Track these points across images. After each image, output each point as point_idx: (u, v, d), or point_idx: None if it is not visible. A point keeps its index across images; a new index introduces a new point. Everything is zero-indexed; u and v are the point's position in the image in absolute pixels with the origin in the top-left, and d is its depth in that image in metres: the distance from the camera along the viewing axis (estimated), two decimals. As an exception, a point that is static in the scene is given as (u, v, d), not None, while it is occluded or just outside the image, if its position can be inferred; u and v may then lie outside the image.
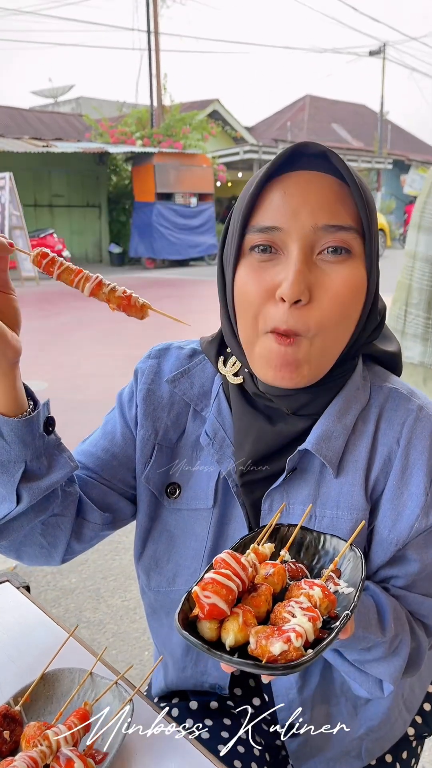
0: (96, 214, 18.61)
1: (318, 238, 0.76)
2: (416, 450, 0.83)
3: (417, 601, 0.87)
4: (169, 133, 17.32)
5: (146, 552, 0.97)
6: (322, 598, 0.64)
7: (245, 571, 0.64)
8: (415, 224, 2.28)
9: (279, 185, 0.77)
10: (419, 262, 2.26)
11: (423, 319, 2.28)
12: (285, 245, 0.77)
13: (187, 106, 20.08)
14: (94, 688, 0.82)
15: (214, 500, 0.90)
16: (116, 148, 16.24)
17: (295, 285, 0.74)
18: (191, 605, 0.63)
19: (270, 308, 0.77)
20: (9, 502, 0.81)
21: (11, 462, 0.79)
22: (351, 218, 0.76)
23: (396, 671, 0.83)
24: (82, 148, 15.71)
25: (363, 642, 0.79)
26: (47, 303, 10.30)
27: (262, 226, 0.77)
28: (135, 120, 17.85)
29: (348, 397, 0.85)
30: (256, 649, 0.59)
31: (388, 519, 0.84)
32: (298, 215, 0.75)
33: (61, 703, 0.80)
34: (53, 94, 28.86)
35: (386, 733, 0.98)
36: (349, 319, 0.79)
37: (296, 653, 0.57)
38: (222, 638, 0.61)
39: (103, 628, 2.36)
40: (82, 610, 2.46)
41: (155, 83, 17.84)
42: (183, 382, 0.94)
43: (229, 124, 22.75)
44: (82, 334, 7.59)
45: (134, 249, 16.90)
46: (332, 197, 0.76)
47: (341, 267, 0.77)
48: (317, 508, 0.85)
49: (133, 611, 2.46)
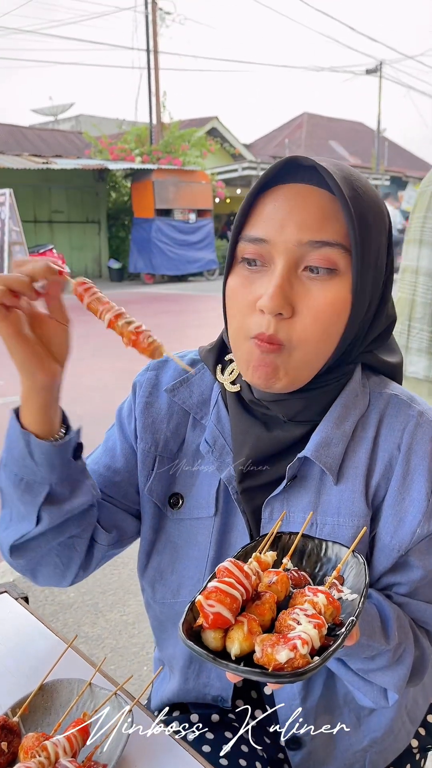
0: (95, 230, 18.72)
1: (303, 253, 0.76)
2: (417, 455, 0.83)
3: (420, 608, 0.86)
4: (168, 149, 17.47)
5: (150, 564, 0.96)
6: (326, 604, 0.64)
7: (248, 579, 0.64)
8: (416, 239, 2.29)
9: (270, 197, 0.78)
10: (422, 276, 2.27)
11: (428, 333, 2.28)
12: (271, 257, 0.78)
13: (186, 124, 20.27)
14: (93, 699, 0.81)
15: (215, 508, 0.90)
16: (115, 164, 16.39)
17: (274, 300, 0.75)
18: (195, 615, 0.63)
19: (255, 317, 0.78)
20: (29, 522, 0.82)
21: (36, 483, 0.80)
22: (338, 234, 0.76)
23: (400, 680, 0.83)
24: (81, 165, 15.84)
25: (367, 650, 0.78)
26: (46, 318, 10.30)
27: (251, 237, 0.78)
28: (134, 137, 18.01)
29: (347, 403, 0.85)
30: (262, 657, 0.58)
31: (389, 525, 0.83)
32: (284, 229, 0.76)
33: (59, 714, 0.79)
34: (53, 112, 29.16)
35: (390, 744, 0.97)
36: (330, 336, 0.79)
37: (303, 660, 0.57)
38: (227, 647, 0.61)
39: (102, 643, 2.33)
40: (80, 625, 2.44)
41: (154, 101, 18.03)
42: (182, 391, 0.94)
43: (227, 141, 22.97)
44: (82, 347, 7.57)
45: (133, 264, 16.99)
46: (319, 212, 0.76)
47: (324, 285, 0.77)
48: (318, 515, 0.84)
49: (132, 626, 2.43)
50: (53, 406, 0.80)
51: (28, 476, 0.80)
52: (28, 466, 0.79)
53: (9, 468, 0.81)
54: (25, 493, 0.81)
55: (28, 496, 0.81)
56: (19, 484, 0.81)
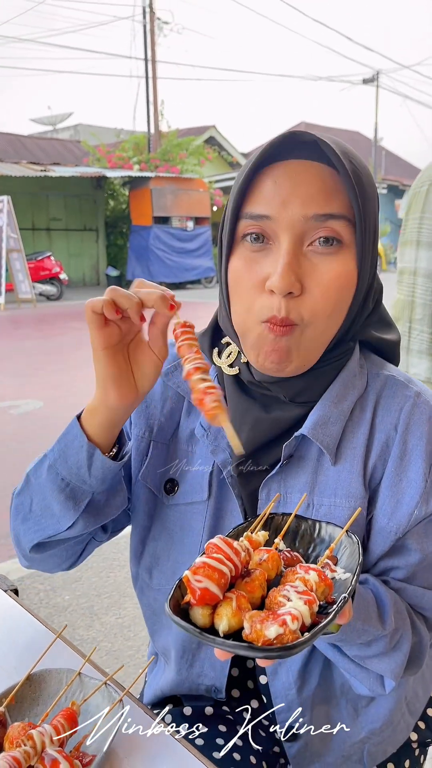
0: (93, 238, 18.77)
1: (308, 228, 0.75)
2: (414, 436, 0.82)
3: (417, 593, 0.84)
4: (166, 158, 17.55)
5: (146, 551, 0.95)
6: (318, 582, 0.62)
7: (238, 555, 0.62)
8: (413, 240, 2.27)
9: (270, 174, 0.76)
10: (421, 278, 2.25)
11: (428, 334, 2.27)
12: (275, 235, 0.76)
13: (184, 132, 20.37)
14: (82, 690, 0.78)
15: (208, 493, 0.88)
16: (113, 172, 16.44)
17: (284, 278, 0.74)
18: (183, 592, 0.61)
19: (264, 299, 0.77)
20: (62, 524, 0.83)
21: (82, 491, 0.81)
22: (342, 207, 0.75)
23: (397, 666, 0.81)
24: (79, 173, 15.89)
25: (363, 636, 0.76)
26: (45, 324, 10.31)
27: (253, 214, 0.76)
28: (132, 145, 18.10)
29: (345, 383, 0.84)
30: (251, 633, 0.56)
31: (387, 507, 0.82)
32: (287, 205, 0.75)
33: (47, 704, 0.77)
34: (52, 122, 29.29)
35: (389, 736, 0.95)
36: (340, 310, 0.79)
37: (292, 636, 0.55)
38: (215, 624, 0.59)
39: (97, 646, 2.30)
40: (75, 628, 2.41)
41: (152, 110, 18.12)
42: (177, 375, 0.93)
43: (225, 150, 23.08)
44: (79, 355, 7.58)
45: (131, 272, 17.02)
46: (322, 186, 0.75)
47: (331, 259, 0.76)
48: (315, 496, 0.83)
49: (128, 629, 2.40)
50: (118, 426, 0.80)
51: (76, 483, 0.80)
52: (81, 475, 0.80)
53: (56, 470, 0.81)
54: (68, 498, 0.81)
55: (71, 501, 0.81)
56: (64, 488, 0.81)
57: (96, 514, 0.84)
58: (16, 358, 7.58)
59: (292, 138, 0.75)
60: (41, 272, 14.20)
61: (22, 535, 0.88)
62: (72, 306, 13.30)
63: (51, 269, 14.33)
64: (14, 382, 6.32)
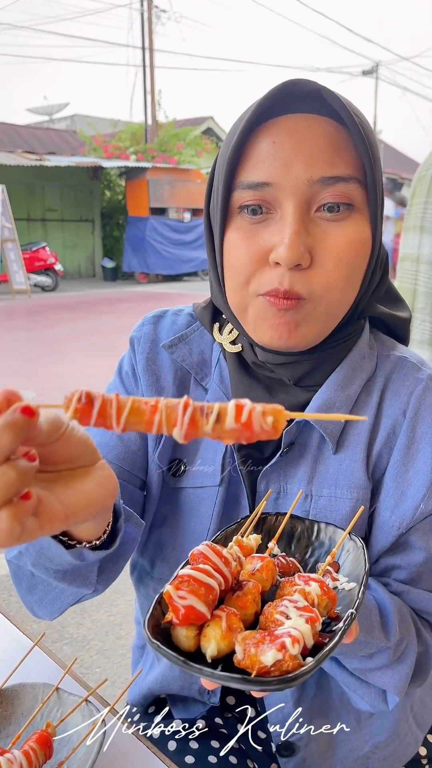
0: (89, 229, 18.62)
1: (315, 192, 0.67)
2: (424, 423, 0.75)
3: (422, 597, 0.77)
4: (163, 148, 17.40)
5: (151, 539, 0.87)
6: (320, 595, 0.54)
7: (228, 566, 0.54)
8: (416, 226, 2.19)
9: (266, 133, 0.67)
10: (424, 265, 2.18)
11: (429, 324, 2.19)
12: (278, 202, 0.68)
13: (182, 123, 20.20)
14: (60, 707, 0.71)
15: (220, 478, 0.81)
16: (110, 162, 16.29)
17: (293, 249, 0.65)
18: (164, 609, 0.53)
19: (265, 272, 0.69)
20: (82, 592, 0.71)
21: (88, 567, 0.68)
22: (351, 167, 0.67)
23: (402, 681, 0.73)
24: (75, 162, 15.73)
25: (365, 648, 0.69)
26: (40, 315, 10.21)
27: (251, 182, 0.68)
28: (129, 135, 17.93)
29: (353, 365, 0.77)
30: (244, 659, 0.48)
31: (390, 499, 0.75)
32: (290, 168, 0.66)
33: (20, 723, 0.69)
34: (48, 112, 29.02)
35: (395, 750, 0.88)
36: (354, 282, 0.71)
37: (293, 663, 0.47)
38: (202, 647, 0.51)
39: (87, 645, 2.23)
40: (65, 626, 2.33)
41: (150, 99, 17.95)
42: (181, 348, 0.85)
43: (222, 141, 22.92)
44: (74, 345, 7.50)
45: (127, 264, 16.91)
46: (328, 144, 0.66)
47: (343, 224, 0.68)
48: (314, 487, 0.76)
49: (119, 627, 2.33)
50: None
51: (75, 569, 0.66)
52: (75, 565, 0.64)
53: (43, 567, 0.65)
54: (74, 580, 0.67)
55: (79, 581, 0.68)
56: (64, 576, 0.67)
57: (114, 566, 0.71)
58: (10, 349, 7.50)
59: (291, 88, 0.66)
60: (36, 263, 14.08)
61: (35, 608, 0.74)
62: (67, 297, 13.20)
63: (46, 260, 14.21)
64: (8, 373, 6.25)
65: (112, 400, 0.42)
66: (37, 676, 0.76)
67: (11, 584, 2.57)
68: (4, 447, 0.41)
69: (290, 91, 0.67)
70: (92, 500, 0.48)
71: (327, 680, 0.83)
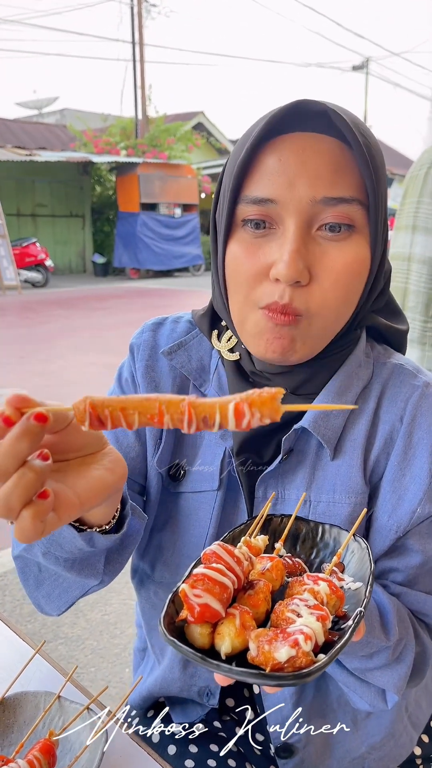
0: (80, 224, 18.54)
1: (317, 211, 0.68)
2: (421, 428, 0.76)
3: (419, 599, 0.78)
4: (153, 143, 17.34)
5: (152, 543, 0.88)
6: (329, 594, 0.55)
7: (240, 565, 0.56)
8: (408, 225, 2.20)
9: (273, 150, 0.68)
10: (416, 264, 2.19)
11: (420, 323, 2.21)
12: (280, 219, 0.69)
13: (172, 118, 20.12)
14: (62, 715, 0.71)
15: (219, 482, 0.82)
16: (100, 157, 16.22)
17: (292, 266, 0.66)
18: (177, 607, 0.54)
19: (265, 286, 0.70)
20: (88, 585, 0.75)
21: (96, 556, 0.71)
22: (354, 188, 0.68)
23: (400, 680, 0.75)
24: (66, 158, 15.65)
25: (366, 648, 0.70)
26: (30, 311, 10.17)
27: (255, 197, 0.69)
28: (119, 130, 17.85)
29: (349, 373, 0.78)
30: (258, 656, 0.49)
31: (388, 503, 0.77)
32: (294, 186, 0.67)
33: (23, 732, 0.70)
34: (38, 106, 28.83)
35: (390, 750, 0.90)
36: (351, 300, 0.73)
37: (306, 659, 0.48)
38: (216, 645, 0.51)
39: (82, 644, 2.23)
40: (59, 626, 2.34)
41: (140, 94, 17.86)
42: (180, 354, 0.86)
43: (213, 136, 22.85)
44: (65, 342, 7.48)
45: (118, 259, 16.86)
46: (333, 164, 0.67)
47: (343, 245, 0.69)
48: (312, 492, 0.77)
49: (114, 626, 2.34)
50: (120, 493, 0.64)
51: (81, 557, 0.69)
52: (84, 552, 0.66)
53: (53, 556, 0.68)
54: (82, 570, 0.70)
55: (86, 570, 0.71)
56: (72, 566, 0.69)
57: (119, 557, 0.74)
58: (0, 346, 7.47)
59: (300, 107, 0.67)
60: (26, 259, 14.01)
61: (43, 603, 0.77)
62: (58, 293, 13.15)
63: (36, 256, 14.14)
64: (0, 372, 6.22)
65: (119, 416, 0.44)
66: (38, 682, 0.77)
67: (4, 584, 2.58)
68: (22, 453, 0.45)
69: (299, 110, 0.67)
70: (104, 485, 0.53)
71: (325, 682, 0.84)
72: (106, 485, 0.53)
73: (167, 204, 16.80)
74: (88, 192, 18.30)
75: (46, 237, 17.48)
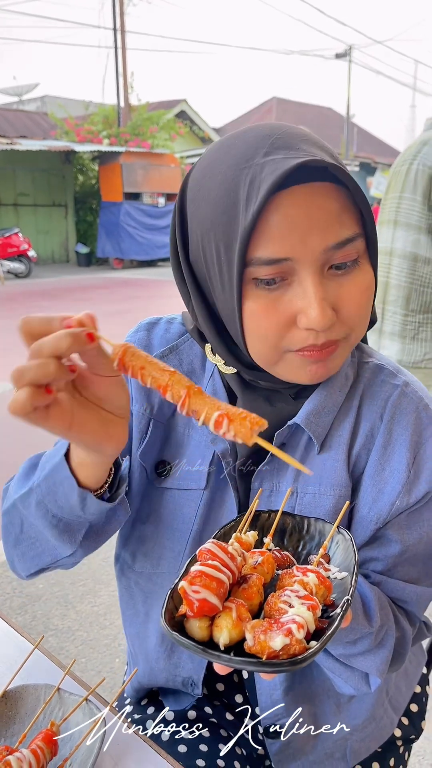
0: (62, 214, 18.38)
1: (328, 257, 0.70)
2: (399, 425, 0.81)
3: (398, 587, 0.83)
4: (136, 132, 17.19)
5: (134, 533, 0.92)
6: (318, 584, 0.59)
7: (234, 561, 0.59)
8: (390, 220, 2.24)
9: (277, 208, 0.67)
10: (397, 258, 2.23)
11: (401, 316, 2.25)
12: (294, 271, 0.70)
13: (155, 106, 19.96)
14: (61, 706, 0.75)
15: (206, 482, 0.86)
16: (83, 146, 16.06)
17: (323, 315, 0.69)
18: (176, 603, 0.57)
19: (294, 334, 0.72)
20: (60, 553, 0.80)
21: (80, 524, 0.77)
22: (355, 225, 0.71)
23: (383, 663, 0.79)
24: (47, 146, 15.48)
25: (350, 634, 0.75)
26: (14, 303, 10.10)
27: (269, 259, 0.68)
28: (102, 118, 17.67)
29: (340, 373, 0.83)
30: (254, 645, 0.53)
31: (368, 496, 0.81)
32: (306, 241, 0.68)
33: (24, 723, 0.73)
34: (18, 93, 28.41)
35: (372, 732, 0.95)
36: (369, 312, 0.77)
37: (299, 646, 0.52)
38: (214, 637, 0.55)
39: (72, 635, 2.27)
40: (49, 617, 2.37)
41: (122, 82, 17.69)
42: (172, 359, 0.89)
43: (196, 125, 22.72)
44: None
45: (101, 249, 16.74)
46: (336, 211, 0.69)
47: (354, 275, 0.73)
48: (299, 484, 0.82)
49: (103, 617, 2.38)
50: (112, 462, 0.72)
51: (69, 518, 0.75)
52: (75, 513, 0.73)
53: (45, 507, 0.75)
54: (63, 532, 0.76)
55: (66, 534, 0.76)
56: (57, 524, 0.75)
57: (96, 537, 0.80)
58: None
59: (301, 167, 0.66)
60: (9, 249, 13.87)
61: (16, 561, 0.83)
62: (41, 284, 13.05)
63: (19, 246, 14.00)
64: None
65: (138, 371, 0.56)
66: (37, 676, 0.80)
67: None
68: (61, 347, 0.54)
69: (300, 168, 0.67)
70: (97, 432, 0.62)
71: (311, 669, 0.88)
72: (99, 434, 0.63)
73: (150, 193, 16.70)
74: (70, 181, 18.12)
75: (29, 227, 17.30)
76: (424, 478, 0.80)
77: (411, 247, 2.19)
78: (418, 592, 0.84)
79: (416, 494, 0.80)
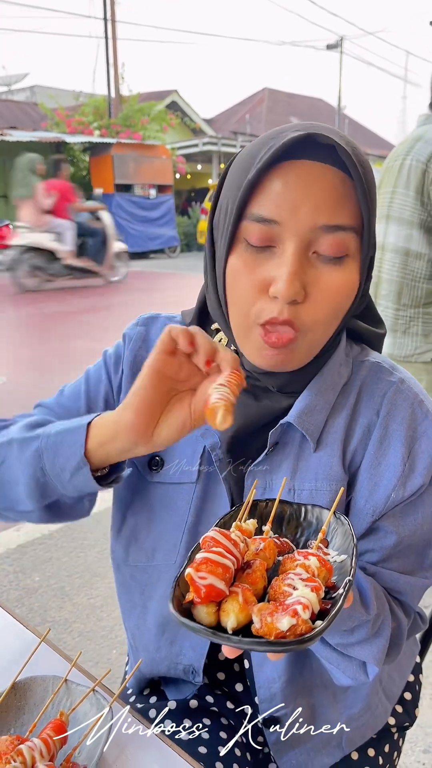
0: (53, 205, 18.23)
1: (315, 236, 0.72)
2: (395, 421, 0.83)
3: (393, 577, 0.85)
4: (127, 123, 17.08)
5: (126, 526, 0.94)
6: (319, 567, 0.61)
7: (237, 547, 0.61)
8: (382, 215, 2.26)
9: (280, 174, 0.71)
10: (389, 253, 2.25)
11: (392, 310, 2.27)
12: (281, 240, 0.73)
13: (146, 97, 19.83)
14: (69, 697, 0.77)
15: (197, 475, 0.88)
16: (73, 137, 15.94)
17: (290, 286, 0.71)
18: (182, 591, 0.59)
19: (264, 302, 0.75)
20: (18, 505, 0.85)
21: (54, 491, 0.82)
22: (351, 217, 0.73)
23: (380, 652, 0.82)
24: (38, 138, 15.36)
25: (348, 622, 0.77)
26: (6, 295, 10.05)
27: (260, 216, 0.72)
28: (92, 109, 17.53)
29: (331, 372, 0.85)
30: (261, 627, 0.55)
31: (365, 489, 0.84)
32: (297, 211, 0.71)
33: (34, 714, 0.75)
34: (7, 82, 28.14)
35: (367, 721, 0.98)
36: (339, 316, 0.79)
37: (305, 626, 0.53)
38: (222, 621, 0.57)
39: (69, 628, 2.29)
40: (46, 609, 2.39)
41: (112, 72, 17.55)
42: None
43: (187, 116, 22.60)
44: (44, 328, 7.42)
45: (93, 241, 16.64)
46: (335, 195, 0.71)
47: (336, 269, 0.74)
48: (296, 481, 0.84)
49: (100, 609, 2.40)
50: (118, 458, 0.79)
51: (52, 480, 0.80)
52: (61, 477, 0.79)
53: (41, 457, 0.80)
54: (37, 487, 0.81)
55: (37, 492, 0.81)
56: (39, 478, 0.81)
57: (56, 513, 0.85)
58: None
59: (310, 138, 0.70)
60: (0, 241, 13.77)
61: None
62: (32, 276, 12.95)
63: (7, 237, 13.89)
64: None
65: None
66: (43, 668, 0.82)
67: (-9, 570, 2.62)
68: (208, 350, 0.69)
69: (308, 138, 0.70)
70: (168, 434, 0.73)
71: (309, 660, 0.91)
72: (168, 434, 0.73)
73: (142, 185, 16.62)
74: (61, 172, 17.99)
75: (19, 218, 17.17)
76: (419, 472, 0.82)
77: (403, 242, 2.21)
78: (411, 582, 0.86)
79: (411, 487, 0.83)
